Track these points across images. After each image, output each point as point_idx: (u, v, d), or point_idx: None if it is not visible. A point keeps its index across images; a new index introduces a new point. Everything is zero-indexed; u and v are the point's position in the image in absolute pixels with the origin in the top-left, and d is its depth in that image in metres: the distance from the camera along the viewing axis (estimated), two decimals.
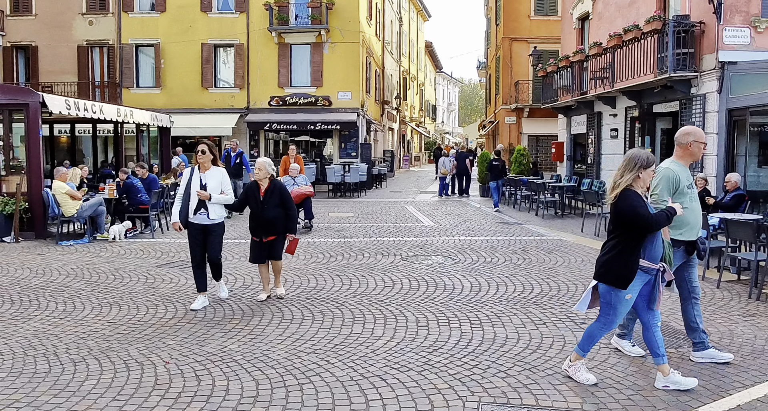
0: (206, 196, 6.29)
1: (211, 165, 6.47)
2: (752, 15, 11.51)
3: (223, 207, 6.54)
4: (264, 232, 6.66)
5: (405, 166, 42.46)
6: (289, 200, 6.74)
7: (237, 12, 24.92)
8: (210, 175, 6.43)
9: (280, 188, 6.69)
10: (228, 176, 6.61)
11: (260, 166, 6.65)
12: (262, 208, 6.59)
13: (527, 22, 27.60)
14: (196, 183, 6.36)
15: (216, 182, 6.41)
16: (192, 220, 6.40)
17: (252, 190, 6.69)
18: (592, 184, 15.95)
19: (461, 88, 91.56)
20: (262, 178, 6.66)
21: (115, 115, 14.01)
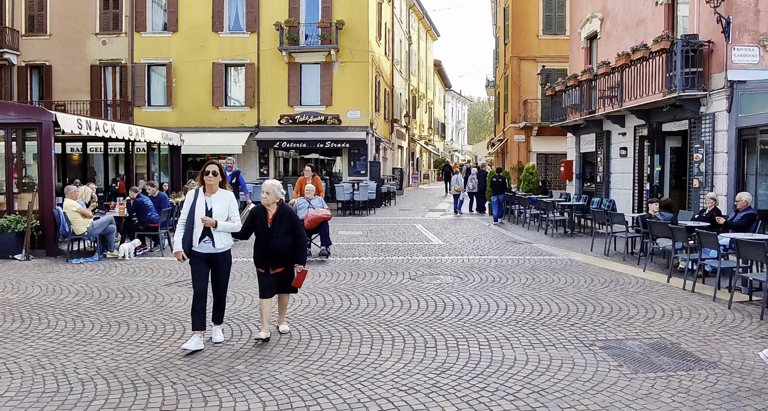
0: (212, 223, 5.64)
1: (218, 188, 5.85)
2: (761, 34, 11.52)
3: (230, 234, 5.91)
4: (272, 263, 5.96)
5: (414, 183, 42.51)
6: (299, 228, 6.09)
7: (248, 32, 25.22)
8: (216, 199, 5.78)
9: (290, 214, 6.06)
10: (236, 201, 5.98)
11: (268, 189, 5.96)
12: (271, 236, 5.93)
13: (536, 41, 27.75)
14: (201, 208, 5.71)
15: (223, 207, 5.77)
16: (196, 249, 5.73)
17: (259, 216, 6.02)
18: (602, 202, 15.89)
19: (470, 106, 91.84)
20: (270, 202, 5.99)
21: (126, 134, 14.16)
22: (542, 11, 27.69)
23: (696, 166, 12.50)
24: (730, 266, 7.99)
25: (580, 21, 19.55)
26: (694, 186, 12.58)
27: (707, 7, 11.57)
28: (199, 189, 5.84)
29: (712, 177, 12.02)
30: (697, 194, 12.51)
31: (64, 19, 25.74)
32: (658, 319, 6.80)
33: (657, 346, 5.81)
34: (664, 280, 9.03)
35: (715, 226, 9.62)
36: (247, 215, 6.24)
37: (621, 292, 8.22)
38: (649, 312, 7.13)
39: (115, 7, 25.77)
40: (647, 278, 9.27)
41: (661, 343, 5.92)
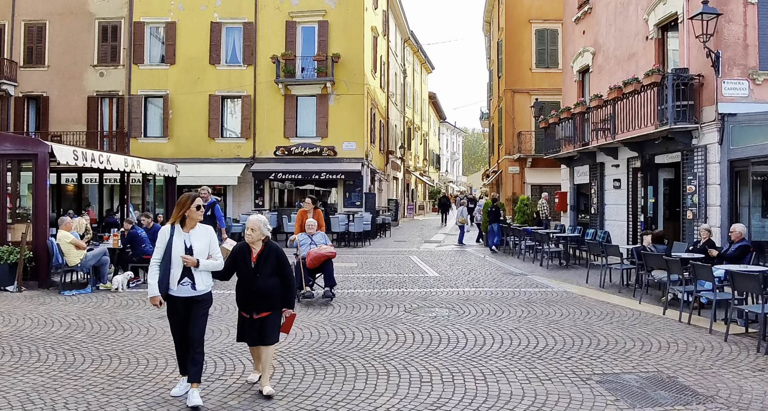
0: (193, 263, 5.06)
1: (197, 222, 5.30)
2: (750, 68, 11.71)
3: (210, 274, 5.30)
4: (256, 307, 5.38)
5: (409, 215, 42.55)
6: (286, 267, 5.53)
7: (245, 65, 25.51)
8: (196, 236, 5.21)
9: (276, 252, 5.47)
10: (216, 236, 5.41)
11: (253, 225, 5.42)
12: (254, 276, 5.36)
13: (529, 74, 28.13)
14: (179, 246, 5.11)
15: (203, 244, 5.20)
16: (173, 293, 5.12)
17: (242, 254, 5.46)
18: (596, 234, 15.92)
19: (465, 137, 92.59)
20: (255, 240, 5.44)
21: (122, 166, 14.18)
22: (535, 45, 28.14)
23: (689, 198, 12.58)
24: (725, 298, 7.98)
25: (572, 55, 19.86)
26: (688, 217, 12.64)
27: (697, 42, 11.79)
28: (175, 225, 5.20)
29: (706, 208, 12.09)
30: (691, 226, 12.56)
31: (63, 51, 26.01)
32: (654, 352, 6.76)
33: (654, 379, 5.77)
34: (659, 312, 9.01)
35: (709, 259, 9.63)
36: (228, 253, 5.67)
37: (617, 325, 8.18)
38: (645, 345, 7.09)
39: (114, 39, 26.07)
40: (643, 310, 9.24)
41: (658, 376, 5.87)
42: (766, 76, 11.49)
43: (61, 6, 25.99)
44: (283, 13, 25.33)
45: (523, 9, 28.30)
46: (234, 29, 25.73)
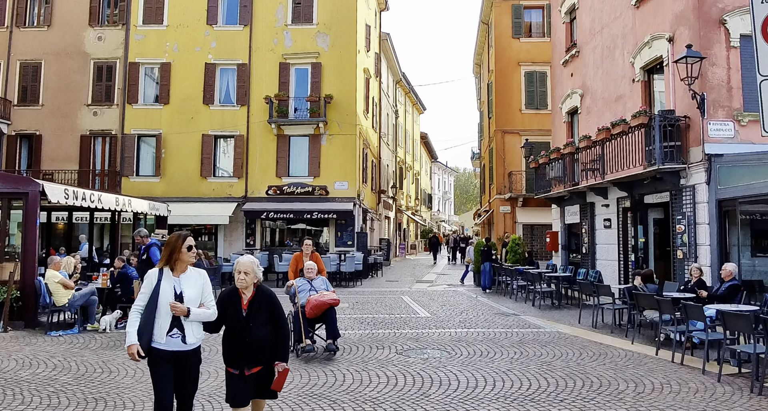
0: (183, 311, 4.49)
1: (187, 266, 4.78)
2: (735, 109, 11.93)
3: (201, 326, 4.70)
4: (247, 361, 4.74)
5: (401, 254, 42.47)
6: (281, 315, 4.95)
7: (238, 105, 25.77)
8: (188, 281, 4.66)
9: (270, 298, 4.89)
10: (210, 281, 4.89)
11: (246, 268, 4.81)
12: (246, 326, 4.75)
13: (519, 115, 28.52)
14: (169, 291, 4.53)
15: (195, 291, 4.65)
16: (159, 347, 4.47)
17: (231, 302, 4.84)
18: (588, 274, 15.92)
19: (456, 177, 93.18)
20: (248, 284, 4.83)
21: (113, 205, 14.16)
22: (524, 87, 28.62)
23: (679, 238, 12.65)
24: (717, 338, 7.96)
25: (561, 97, 20.20)
26: (679, 257, 12.68)
27: (682, 84, 12.03)
28: (163, 268, 4.64)
29: (696, 248, 12.14)
30: (681, 265, 12.59)
31: (57, 91, 26.21)
32: (648, 394, 6.70)
33: None
34: (652, 353, 8.95)
35: (700, 299, 9.64)
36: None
37: (610, 366, 8.12)
38: (638, 386, 7.03)
39: (108, 79, 26.33)
40: (636, 351, 9.18)
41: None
42: (751, 118, 11.69)
43: (57, 46, 26.32)
44: (276, 54, 25.73)
45: (512, 52, 28.88)
46: (228, 70, 26.08)
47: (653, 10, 14.02)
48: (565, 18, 19.86)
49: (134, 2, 26.37)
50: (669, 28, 13.25)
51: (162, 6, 26.32)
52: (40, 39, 26.42)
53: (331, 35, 25.65)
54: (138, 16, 26.34)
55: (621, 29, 15.65)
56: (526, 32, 29.33)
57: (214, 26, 26.07)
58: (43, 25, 26.55)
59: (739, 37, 11.91)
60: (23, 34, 26.57)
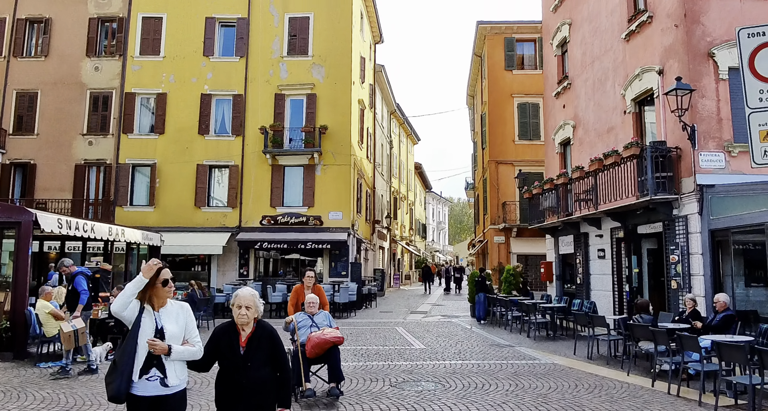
0: (164, 349, 3.96)
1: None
2: (725, 140, 12.06)
3: (185, 365, 4.20)
4: (245, 406, 4.22)
5: (395, 284, 42.27)
6: (283, 354, 4.45)
7: (233, 135, 25.90)
8: (169, 315, 4.16)
9: (270, 335, 4.39)
10: (193, 314, 4.41)
11: (247, 302, 4.33)
12: (244, 365, 4.22)
13: (512, 146, 28.76)
14: (148, 327, 4.03)
15: (178, 327, 4.16)
16: (136, 392, 3.93)
17: (226, 338, 4.33)
18: (582, 304, 15.86)
19: (450, 207, 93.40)
20: (249, 320, 4.33)
21: (106, 234, 14.11)
22: (517, 118, 28.93)
23: (673, 268, 12.65)
24: (713, 369, 7.91)
25: (553, 128, 20.39)
26: (673, 287, 12.67)
27: (673, 116, 12.18)
28: (144, 304, 4.13)
29: (689, 278, 12.14)
30: (676, 295, 12.57)
31: (53, 120, 26.31)
32: None
33: None
34: (648, 384, 8.88)
35: (695, 330, 9.60)
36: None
37: (606, 398, 8.04)
38: None
39: (104, 109, 26.48)
40: (631, 382, 9.10)
41: None
42: (741, 148, 11.81)
43: (54, 76, 26.51)
44: (272, 86, 25.98)
45: (505, 84, 29.26)
46: (224, 101, 26.29)
47: (643, 43, 14.27)
48: (556, 51, 20.18)
49: (132, 33, 26.68)
50: (659, 61, 13.47)
51: (159, 37, 26.64)
52: (37, 69, 26.63)
53: (326, 67, 25.95)
54: (135, 47, 26.63)
55: (612, 62, 15.90)
56: (518, 64, 29.77)
57: (211, 57, 26.35)
58: (40, 56, 26.79)
59: (727, 69, 12.11)
60: (20, 63, 26.78)
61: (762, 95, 6.19)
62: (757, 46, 6.27)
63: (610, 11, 16.07)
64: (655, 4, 13.75)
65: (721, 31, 12.31)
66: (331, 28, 26.21)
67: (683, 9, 12.50)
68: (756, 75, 6.26)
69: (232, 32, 26.73)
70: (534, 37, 29.13)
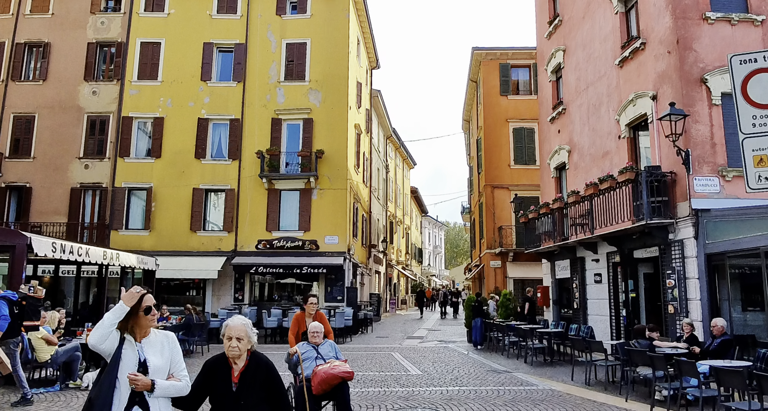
0: (147, 385, 3.60)
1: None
2: (719, 165, 12.14)
3: (170, 403, 3.83)
4: None
5: (392, 309, 42.04)
6: (281, 389, 4.09)
7: (230, 159, 25.94)
8: (153, 347, 3.80)
9: (267, 368, 4.03)
10: (179, 346, 3.98)
11: (239, 333, 3.94)
12: (236, 404, 3.87)
13: (508, 170, 28.88)
14: (130, 360, 3.66)
15: (163, 359, 3.79)
16: None
17: (217, 372, 3.98)
18: (580, 329, 15.79)
19: (447, 231, 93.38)
20: (242, 352, 3.96)
21: (100, 258, 14.05)
22: (513, 143, 29.10)
23: (669, 292, 12.63)
24: (712, 395, 7.85)
25: (548, 152, 20.51)
26: (670, 312, 12.63)
27: (667, 141, 12.28)
28: (125, 334, 3.74)
29: (686, 303, 12.11)
30: (673, 320, 12.52)
31: (50, 144, 26.31)
32: None
33: None
34: (647, 410, 8.79)
35: (693, 355, 9.56)
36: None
37: None
38: None
39: (101, 133, 26.53)
40: (630, 408, 9.02)
41: None
42: (735, 173, 11.89)
43: (52, 100, 26.60)
44: (269, 110, 26.13)
45: (500, 109, 29.50)
46: (221, 125, 26.39)
47: (636, 69, 14.44)
48: (551, 77, 20.40)
49: (130, 58, 26.87)
50: (652, 87, 13.62)
51: (157, 62, 26.83)
52: (35, 92, 26.73)
53: (323, 92, 26.14)
54: (133, 72, 26.79)
55: (606, 88, 16.07)
56: (513, 90, 30.05)
57: (208, 82, 26.53)
58: (38, 79, 26.91)
59: (720, 95, 12.25)
60: (18, 87, 26.89)
61: (755, 121, 6.26)
62: (750, 73, 6.36)
63: (603, 38, 16.29)
64: (647, 31, 13.96)
65: (713, 57, 12.48)
66: (328, 54, 26.46)
67: (675, 36, 12.69)
68: (749, 101, 6.33)
69: (229, 57, 26.96)
70: (529, 63, 29.46)
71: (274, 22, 26.88)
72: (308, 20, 26.81)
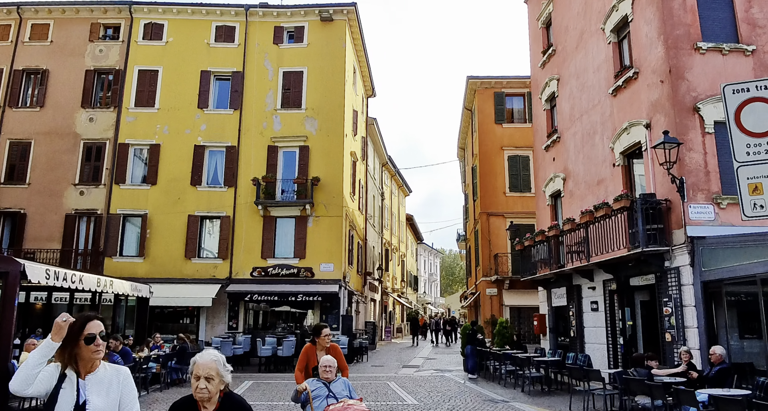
0: None
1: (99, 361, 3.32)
2: (713, 192, 12.20)
3: None
4: None
5: (387, 338, 41.70)
6: None
7: (225, 186, 25.95)
8: (97, 385, 3.24)
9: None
10: (133, 384, 3.41)
11: (208, 371, 3.28)
12: None
13: (503, 198, 28.95)
14: (67, 401, 3.15)
15: (109, 399, 3.23)
16: None
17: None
18: (577, 358, 15.67)
19: (442, 258, 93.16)
20: (212, 394, 3.31)
21: (94, 286, 13.93)
22: (508, 171, 29.23)
23: (667, 320, 12.57)
24: None
25: (544, 180, 20.59)
26: (667, 340, 12.56)
27: (661, 168, 12.35)
28: (61, 365, 3.25)
29: (683, 330, 12.05)
30: (671, 348, 12.45)
31: (45, 170, 26.27)
32: None
33: None
34: None
35: (691, 383, 9.48)
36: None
37: None
38: None
39: (97, 159, 26.53)
40: None
41: None
42: (729, 200, 11.95)
43: (48, 126, 26.63)
44: (265, 138, 26.24)
45: (495, 137, 29.70)
46: (217, 152, 26.46)
47: (630, 98, 14.60)
48: (545, 105, 20.59)
49: (127, 86, 27.04)
50: (646, 115, 13.75)
51: (155, 90, 27.00)
52: (32, 119, 26.78)
53: (319, 120, 26.30)
54: (131, 99, 26.93)
55: (600, 116, 16.22)
56: (508, 118, 30.31)
57: (205, 110, 26.67)
58: (35, 106, 27.00)
59: (713, 123, 12.37)
60: (15, 114, 26.95)
61: (749, 149, 6.30)
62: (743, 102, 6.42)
63: (596, 67, 16.50)
64: (640, 60, 14.15)
65: (705, 86, 12.64)
66: (324, 82, 26.69)
67: (668, 65, 12.87)
68: (743, 130, 6.38)
69: (226, 85, 27.16)
70: (523, 92, 29.76)
71: (271, 50, 27.16)
72: (305, 49, 27.11)
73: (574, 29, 18.22)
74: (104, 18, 27.85)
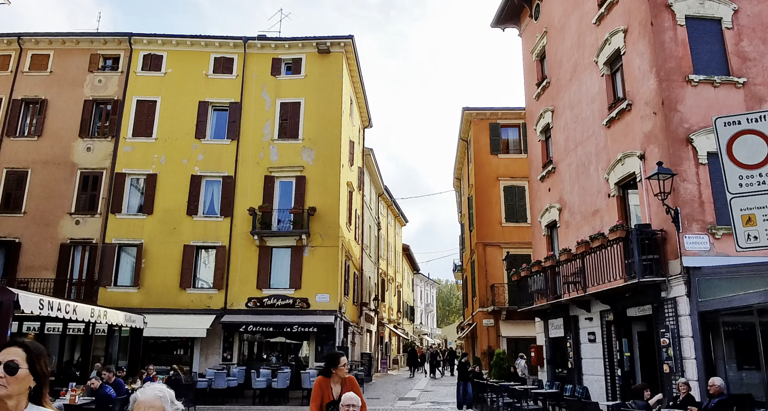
0: None
1: (29, 403, 2.54)
2: (708, 223, 12.25)
3: None
4: None
5: (383, 369, 41.24)
6: None
7: (222, 216, 25.92)
8: None
9: None
10: None
11: (150, 407, 2.61)
12: None
13: (499, 228, 29.00)
14: None
15: None
16: None
17: None
18: (575, 390, 15.52)
19: (439, 288, 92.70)
20: None
21: (88, 316, 13.81)
22: (504, 201, 29.35)
23: (664, 351, 12.50)
24: None
25: (539, 210, 20.66)
26: (665, 371, 12.47)
27: (656, 199, 12.42)
28: None
29: (681, 361, 11.98)
30: (669, 379, 12.35)
31: (41, 199, 26.22)
32: None
33: None
34: None
35: None
36: None
37: None
38: None
39: (94, 189, 26.53)
40: None
41: None
42: (724, 231, 11.99)
43: (46, 155, 26.67)
44: (262, 168, 26.32)
45: (491, 167, 29.89)
46: (213, 182, 26.49)
47: (623, 129, 14.76)
48: (540, 136, 20.77)
49: (125, 116, 27.20)
50: (639, 147, 13.88)
51: (152, 120, 27.15)
52: (29, 148, 26.82)
53: (315, 150, 26.44)
54: (128, 129, 27.05)
55: (594, 147, 16.36)
56: (503, 149, 30.55)
57: (202, 140, 26.80)
58: (33, 135, 27.07)
59: (706, 154, 12.50)
60: (12, 142, 27.00)
61: (742, 180, 6.36)
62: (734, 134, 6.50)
63: (590, 99, 16.71)
64: (633, 92, 14.35)
65: (697, 117, 12.80)
66: (321, 113, 26.91)
67: (660, 97, 13.04)
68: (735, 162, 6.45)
69: (224, 116, 27.35)
70: (518, 123, 30.07)
71: (268, 82, 27.44)
72: (302, 80, 27.39)
73: (567, 62, 18.49)
74: (104, 49, 28.14)
